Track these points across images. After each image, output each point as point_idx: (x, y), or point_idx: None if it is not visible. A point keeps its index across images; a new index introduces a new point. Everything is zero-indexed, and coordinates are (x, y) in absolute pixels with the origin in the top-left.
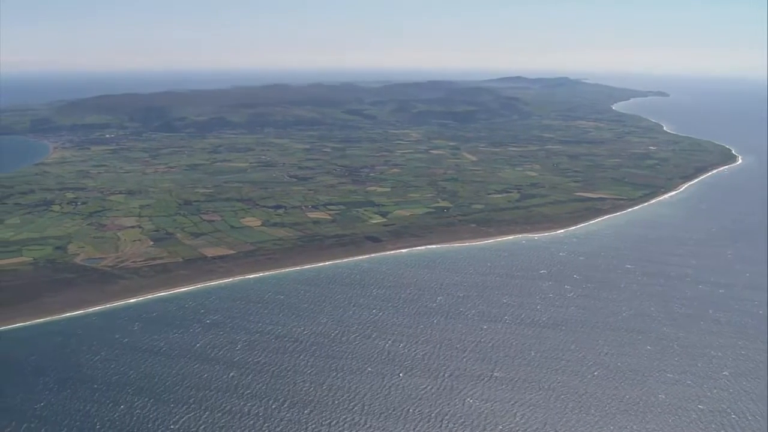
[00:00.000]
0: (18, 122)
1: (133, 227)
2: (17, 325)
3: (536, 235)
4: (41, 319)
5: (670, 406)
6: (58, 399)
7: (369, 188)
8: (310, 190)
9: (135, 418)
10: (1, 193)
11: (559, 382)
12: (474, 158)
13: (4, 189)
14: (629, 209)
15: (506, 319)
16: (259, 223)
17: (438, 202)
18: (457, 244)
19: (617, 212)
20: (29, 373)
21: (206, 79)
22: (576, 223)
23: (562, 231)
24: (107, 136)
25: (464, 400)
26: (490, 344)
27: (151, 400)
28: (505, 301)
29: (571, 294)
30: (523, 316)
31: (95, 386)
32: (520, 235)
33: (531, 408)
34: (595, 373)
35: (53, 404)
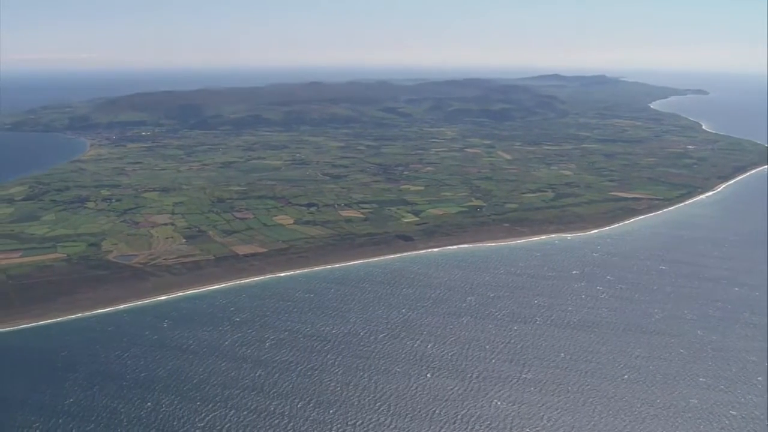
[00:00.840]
0: (57, 120)
1: (166, 224)
2: (50, 321)
3: (569, 235)
4: (73, 315)
5: (702, 411)
6: (87, 395)
7: (402, 186)
8: (343, 188)
9: (161, 416)
10: (38, 190)
11: (588, 385)
12: (509, 157)
13: (42, 186)
14: (665, 209)
15: (537, 320)
16: (291, 221)
17: (471, 201)
18: (489, 244)
19: (652, 212)
20: (60, 369)
21: (243, 76)
22: (610, 224)
23: (596, 231)
24: (143, 133)
25: (492, 401)
26: (520, 345)
27: (178, 398)
28: (536, 302)
29: (603, 295)
30: (553, 317)
31: (124, 383)
32: (553, 235)
33: (559, 411)
34: (625, 377)
35: (82, 400)
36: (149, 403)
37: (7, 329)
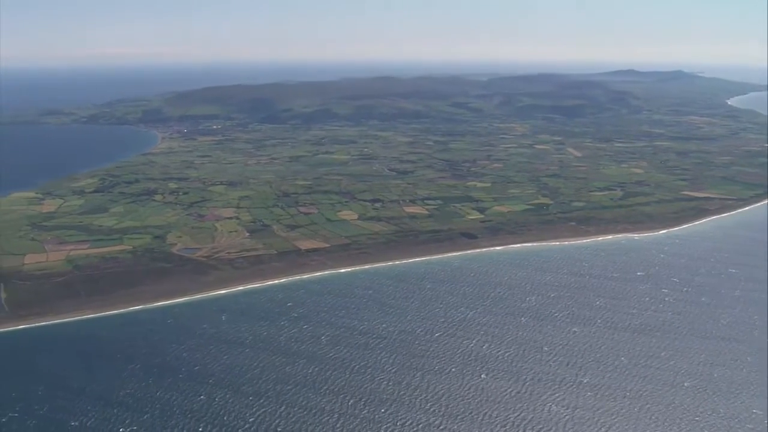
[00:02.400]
0: (131, 113)
1: (230, 218)
2: (112, 312)
3: (637, 235)
4: (134, 307)
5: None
6: (142, 387)
7: (469, 183)
8: (409, 183)
9: (213, 409)
10: (108, 182)
11: (647, 391)
12: (579, 154)
13: (112, 178)
14: (738, 210)
15: (598, 323)
16: (355, 216)
17: (538, 199)
18: (553, 243)
19: (725, 213)
20: (118, 360)
21: (316, 70)
22: (680, 224)
23: (664, 231)
24: (214, 126)
25: (547, 405)
26: (579, 348)
27: (231, 392)
28: (598, 303)
29: (669, 298)
30: (615, 319)
31: (179, 376)
32: (619, 235)
33: (615, 417)
34: (686, 384)
35: (137, 391)
36: (202, 396)
37: (71, 319)
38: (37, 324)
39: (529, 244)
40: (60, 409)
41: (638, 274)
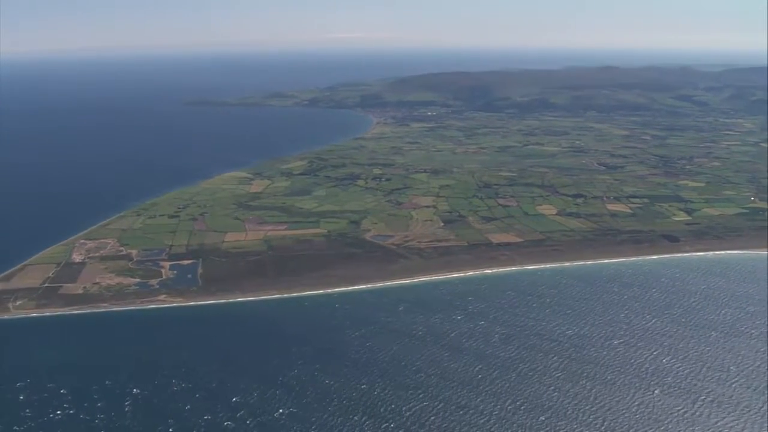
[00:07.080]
0: (349, 97)
1: (427, 207)
2: (294, 294)
3: None
4: (317, 291)
5: None
6: (307, 370)
7: (680, 182)
8: (616, 179)
9: (371, 400)
10: (316, 165)
11: None
12: None
13: (320, 161)
14: None
15: None
16: (554, 211)
17: (755, 202)
18: (763, 252)
19: None
20: (291, 342)
21: (539, 58)
22: None
23: None
24: (429, 113)
25: (719, 431)
26: None
27: (392, 384)
28: None
29: None
30: None
31: (345, 362)
32: None
33: None
34: None
35: (302, 374)
36: (363, 385)
37: (254, 298)
38: (223, 300)
39: (735, 252)
40: (226, 384)
41: None
